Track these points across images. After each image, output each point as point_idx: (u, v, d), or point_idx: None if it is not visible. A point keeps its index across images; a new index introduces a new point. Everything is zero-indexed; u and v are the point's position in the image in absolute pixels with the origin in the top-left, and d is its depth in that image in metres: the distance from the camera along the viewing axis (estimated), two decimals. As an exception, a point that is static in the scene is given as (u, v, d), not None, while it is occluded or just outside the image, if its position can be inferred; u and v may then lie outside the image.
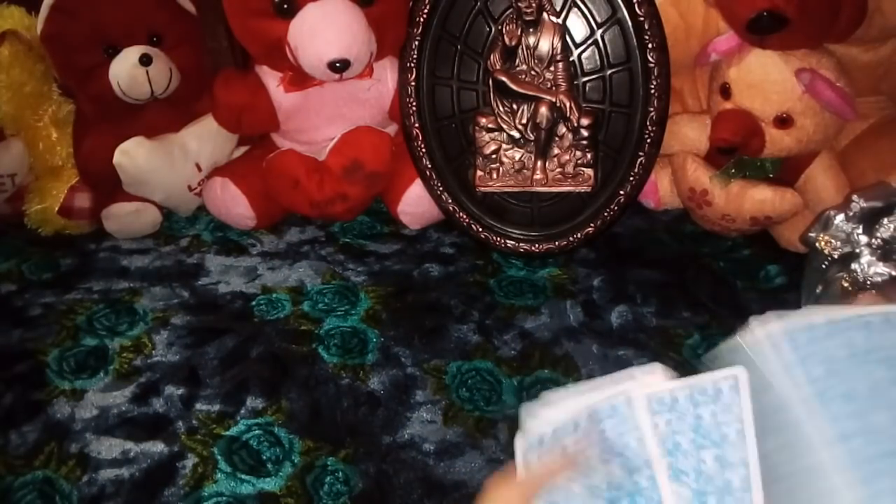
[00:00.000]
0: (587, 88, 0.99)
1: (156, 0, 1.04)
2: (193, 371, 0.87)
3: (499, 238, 1.05)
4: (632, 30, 0.94)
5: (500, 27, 0.97)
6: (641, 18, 0.93)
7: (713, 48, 0.98)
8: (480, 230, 1.05)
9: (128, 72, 1.01)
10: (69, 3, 0.99)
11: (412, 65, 1.02)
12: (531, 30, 0.96)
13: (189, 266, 1.07)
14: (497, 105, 1.01)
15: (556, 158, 1.02)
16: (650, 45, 0.94)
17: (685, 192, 1.06)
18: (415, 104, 1.03)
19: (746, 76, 0.95)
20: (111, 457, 0.77)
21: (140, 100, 1.05)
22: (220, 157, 1.15)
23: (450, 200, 1.06)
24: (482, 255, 1.07)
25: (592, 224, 1.02)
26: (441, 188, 1.05)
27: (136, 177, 1.05)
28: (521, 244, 1.04)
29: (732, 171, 1.00)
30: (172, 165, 1.08)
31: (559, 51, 0.96)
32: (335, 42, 0.94)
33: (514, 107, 1.00)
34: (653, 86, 0.95)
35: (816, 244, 0.67)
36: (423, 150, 1.05)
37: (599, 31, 0.96)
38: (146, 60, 1.01)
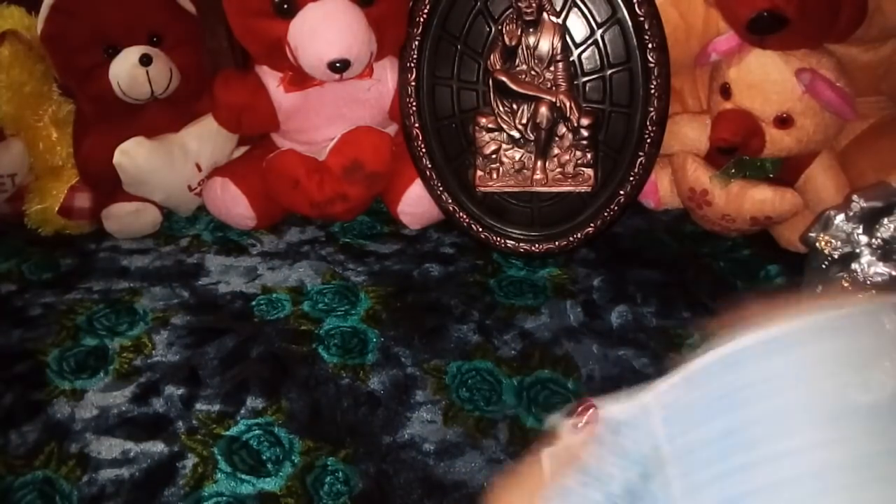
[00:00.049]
0: (587, 88, 0.99)
1: (156, 0, 1.04)
2: (193, 371, 0.87)
3: (499, 238, 1.05)
4: (632, 30, 0.94)
5: (500, 27, 0.97)
6: (641, 18, 0.93)
7: (713, 48, 0.98)
8: (480, 230, 1.06)
9: (128, 72, 1.01)
10: (69, 3, 0.99)
11: (412, 65, 1.02)
12: (531, 30, 0.96)
13: (189, 266, 1.07)
14: (497, 105, 1.01)
15: (556, 158, 1.02)
16: (650, 45, 0.94)
17: (685, 192, 1.06)
18: (415, 104, 1.03)
19: (746, 76, 0.95)
20: (111, 457, 0.77)
21: (140, 100, 1.05)
22: (220, 157, 1.15)
23: (450, 200, 1.06)
24: (482, 255, 1.07)
25: (592, 224, 1.02)
26: (441, 188, 1.05)
27: (136, 177, 1.05)
28: (521, 244, 1.04)
29: (732, 171, 1.00)
30: (172, 165, 1.08)
31: (559, 51, 0.96)
32: (335, 42, 0.94)
33: (514, 107, 1.00)
34: (653, 86, 0.95)
35: (816, 244, 0.67)
36: (423, 150, 1.05)
37: (599, 31, 0.96)
38: (146, 60, 1.01)
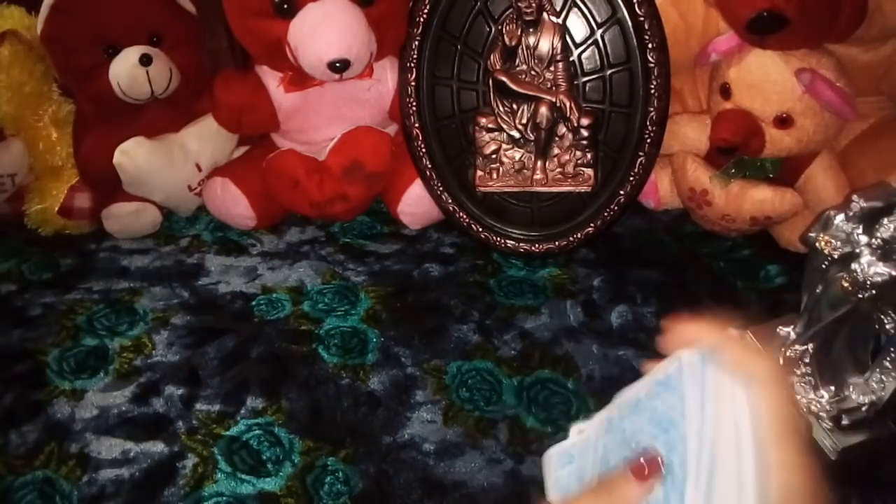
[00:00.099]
0: (587, 88, 0.99)
1: (156, 0, 1.04)
2: (193, 371, 0.87)
3: (499, 238, 1.05)
4: (632, 30, 0.94)
5: (500, 27, 0.97)
6: (641, 18, 0.93)
7: (713, 48, 0.98)
8: (480, 230, 1.06)
9: (128, 72, 1.01)
10: (69, 3, 0.99)
11: (412, 65, 1.02)
12: (531, 30, 0.96)
13: (189, 266, 1.07)
14: (497, 105, 1.01)
15: (556, 158, 1.02)
16: (650, 45, 0.94)
17: (685, 192, 1.06)
18: (415, 104, 1.03)
19: (746, 76, 0.95)
20: (111, 457, 0.77)
21: (140, 100, 1.05)
22: (220, 157, 1.15)
23: (450, 200, 1.06)
24: (482, 255, 1.07)
25: (592, 224, 1.02)
26: (441, 188, 1.05)
27: (136, 177, 1.05)
28: (521, 244, 1.04)
29: (732, 171, 1.00)
30: (172, 165, 1.08)
31: (559, 51, 0.96)
32: (335, 42, 0.94)
33: (514, 107, 1.00)
34: (653, 86, 0.95)
35: (816, 244, 0.67)
36: (423, 150, 1.05)
37: (599, 31, 0.96)
38: (146, 60, 1.01)
